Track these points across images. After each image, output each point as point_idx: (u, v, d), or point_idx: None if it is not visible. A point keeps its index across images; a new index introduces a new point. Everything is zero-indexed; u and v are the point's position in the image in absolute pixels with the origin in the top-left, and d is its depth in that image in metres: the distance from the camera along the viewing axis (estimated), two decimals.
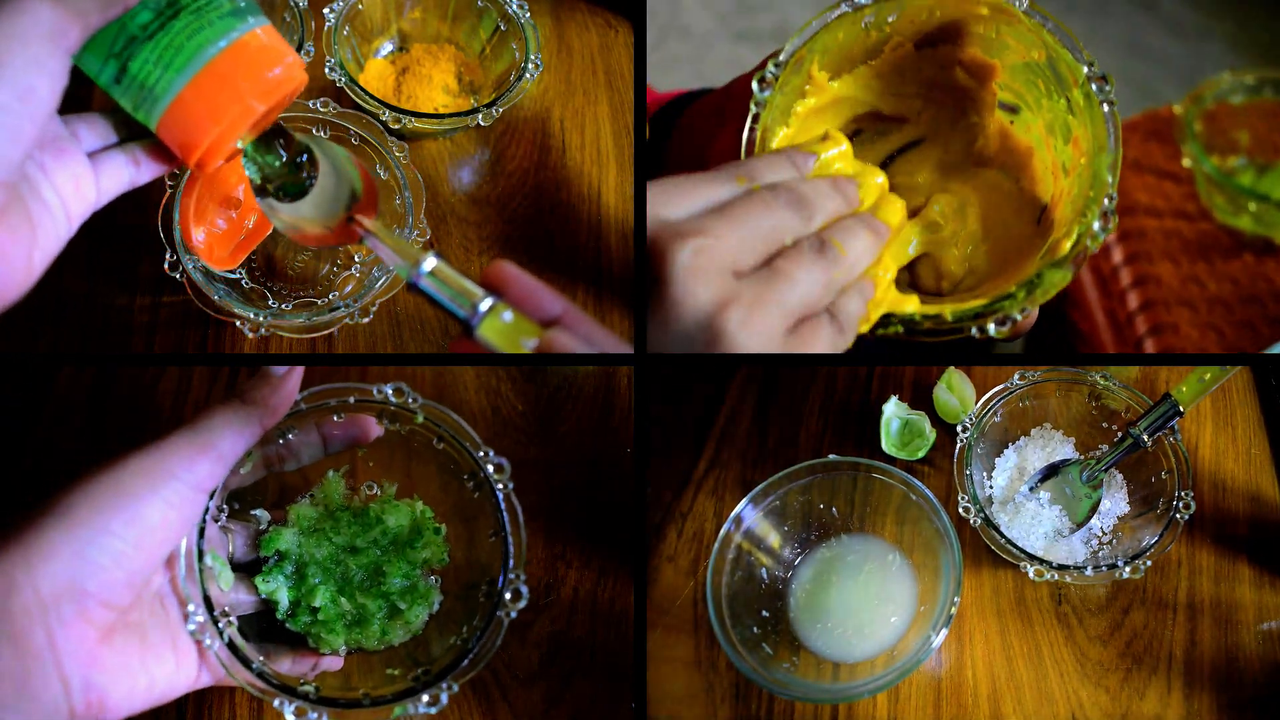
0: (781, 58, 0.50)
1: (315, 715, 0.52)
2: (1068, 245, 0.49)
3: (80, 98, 0.51)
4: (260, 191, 0.55)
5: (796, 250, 0.45)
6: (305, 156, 0.55)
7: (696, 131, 0.62)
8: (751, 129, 0.50)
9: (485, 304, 0.48)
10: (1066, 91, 0.52)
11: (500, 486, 0.58)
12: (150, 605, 0.50)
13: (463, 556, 0.61)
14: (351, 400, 0.59)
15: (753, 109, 0.50)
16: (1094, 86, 0.50)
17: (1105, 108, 0.50)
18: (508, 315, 0.48)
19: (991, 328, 0.48)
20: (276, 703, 0.52)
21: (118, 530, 0.46)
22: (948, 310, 0.49)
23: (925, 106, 0.57)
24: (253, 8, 0.51)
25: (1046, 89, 0.54)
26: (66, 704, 0.45)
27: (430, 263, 0.50)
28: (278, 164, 0.54)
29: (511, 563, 0.56)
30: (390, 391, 0.59)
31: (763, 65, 0.51)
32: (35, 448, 0.69)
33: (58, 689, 0.45)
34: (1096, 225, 0.48)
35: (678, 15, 1.89)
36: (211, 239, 0.63)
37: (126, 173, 0.53)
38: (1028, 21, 0.52)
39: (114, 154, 0.52)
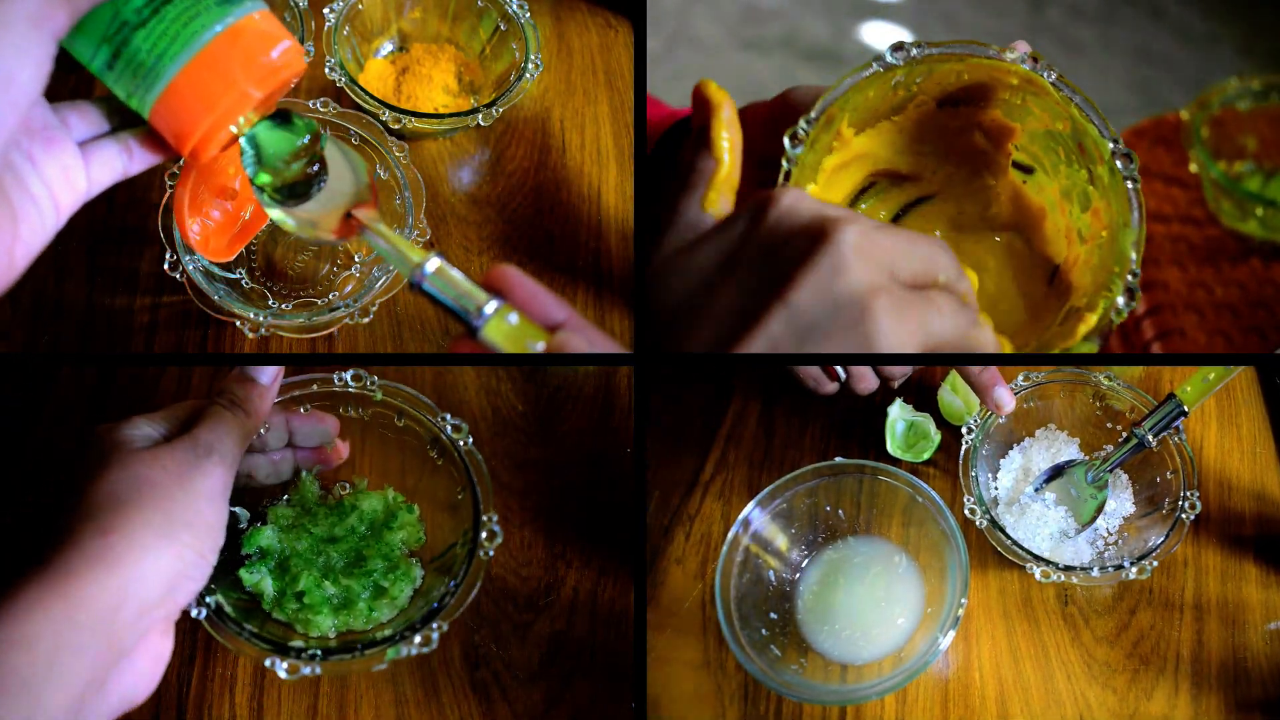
0: (813, 115, 0.51)
1: (309, 669, 0.54)
2: (1094, 319, 0.51)
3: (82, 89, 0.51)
4: (262, 190, 0.55)
5: (948, 292, 0.46)
6: (317, 166, 0.55)
7: None
8: (784, 185, 0.51)
9: (490, 306, 0.48)
10: (1089, 164, 0.53)
11: (460, 443, 0.62)
12: None
13: (437, 534, 0.65)
14: (315, 388, 0.62)
15: (784, 165, 0.51)
16: (1119, 163, 0.51)
17: (1129, 184, 0.51)
18: (513, 318, 0.48)
19: None
20: (269, 661, 0.53)
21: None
22: None
23: (940, 165, 0.58)
24: None
25: (1066, 157, 0.55)
26: None
27: (433, 263, 0.50)
28: (291, 168, 0.54)
29: (481, 507, 0.60)
30: (349, 376, 0.63)
31: (791, 118, 0.52)
32: (35, 448, 0.69)
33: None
34: (1121, 301, 0.50)
35: (686, 25, 1.90)
36: (207, 231, 0.63)
37: (119, 163, 0.52)
38: (1056, 95, 0.53)
39: (106, 143, 0.52)
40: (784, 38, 1.90)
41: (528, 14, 0.80)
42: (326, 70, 0.74)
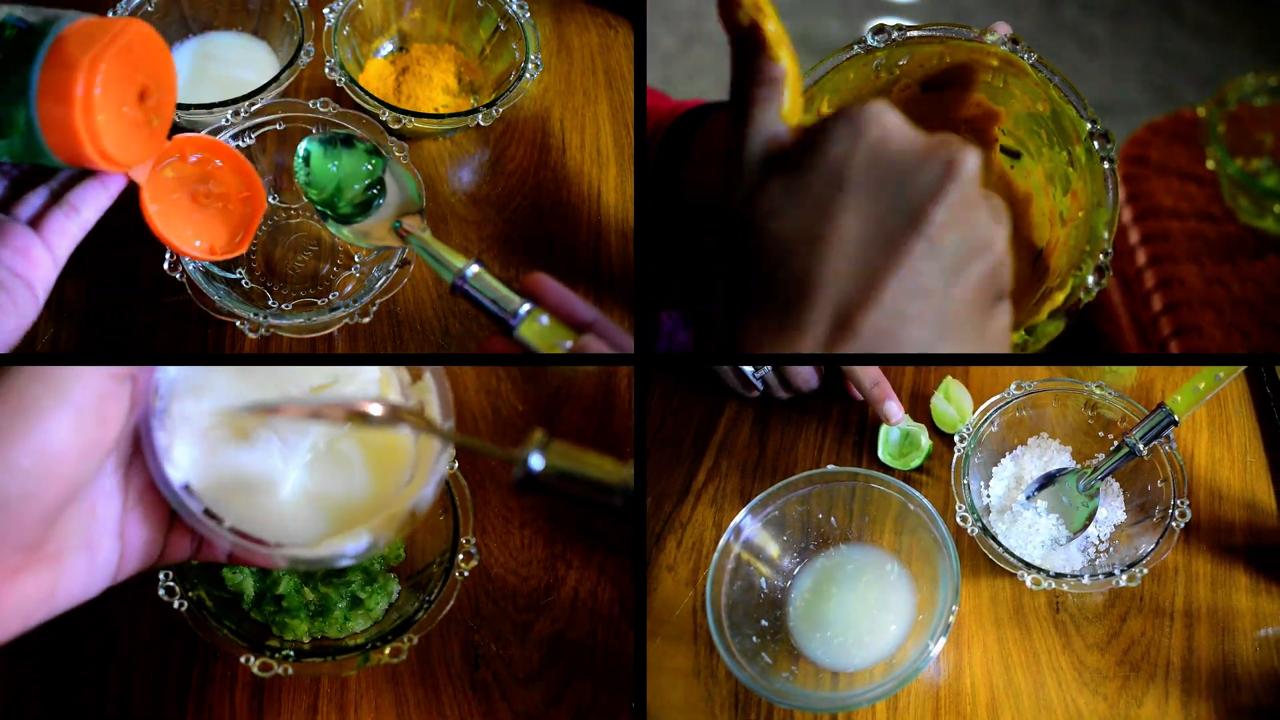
0: None
1: (281, 669, 0.59)
2: (1061, 298, 0.52)
3: None
4: (326, 213, 0.63)
5: None
6: (376, 189, 0.63)
7: (717, 149, 0.65)
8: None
9: (524, 308, 0.55)
10: (1068, 145, 0.55)
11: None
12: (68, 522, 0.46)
13: (417, 552, 0.69)
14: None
15: None
16: (1095, 143, 0.53)
17: (1105, 165, 0.53)
18: (544, 319, 0.55)
19: None
20: (244, 658, 0.57)
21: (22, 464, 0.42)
22: None
23: None
24: (46, 14, 0.56)
25: (1049, 139, 0.56)
26: None
27: (474, 269, 0.57)
28: (354, 190, 0.63)
29: (460, 529, 0.65)
30: None
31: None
32: None
33: None
34: (1091, 280, 0.51)
35: (701, 23, 1.94)
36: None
37: (68, 223, 0.58)
38: (1035, 75, 0.55)
39: (52, 212, 0.58)
40: (798, 35, 1.92)
41: (528, 14, 0.83)
42: (326, 70, 0.77)
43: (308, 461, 0.52)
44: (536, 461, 0.47)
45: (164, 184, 0.64)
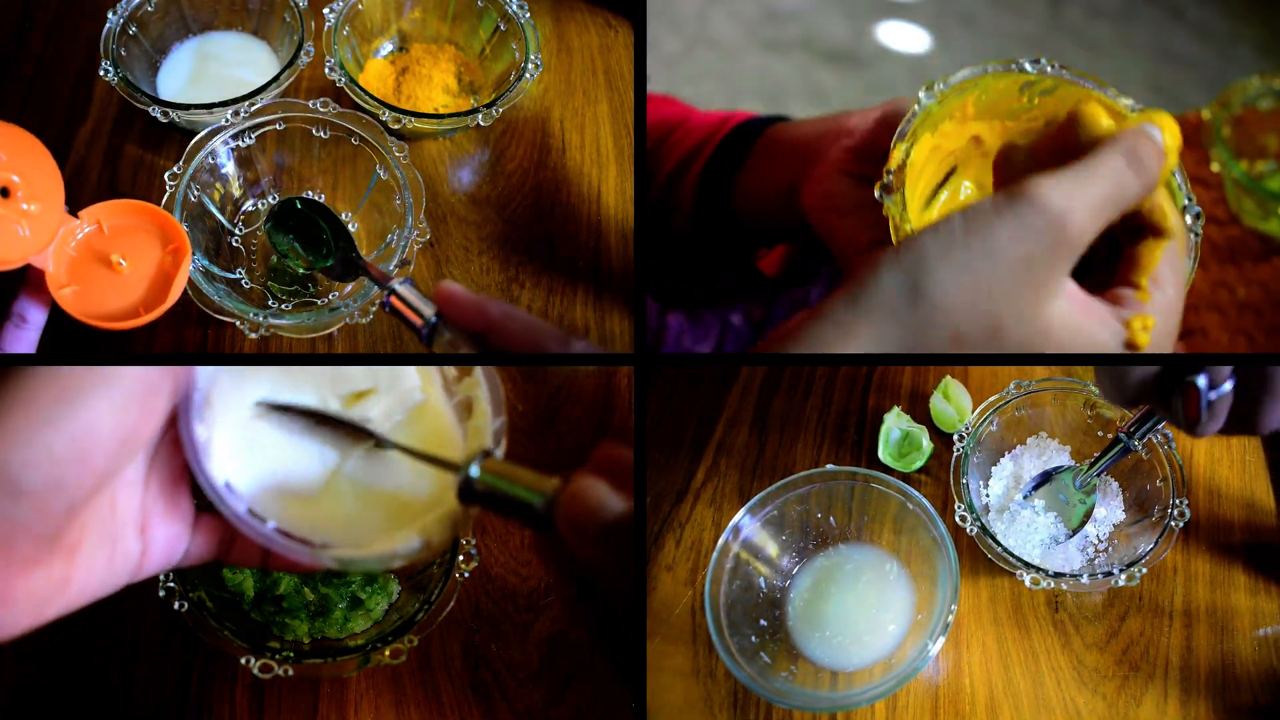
0: (952, 78, 0.57)
1: (281, 670, 0.59)
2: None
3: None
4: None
5: None
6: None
7: (786, 158, 0.67)
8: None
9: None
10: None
11: None
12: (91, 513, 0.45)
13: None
14: None
15: (914, 109, 0.56)
16: (1188, 218, 0.55)
17: (1192, 238, 0.54)
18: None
19: None
20: (244, 659, 0.58)
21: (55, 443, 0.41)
22: None
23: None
24: None
25: None
26: None
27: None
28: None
29: (460, 533, 0.64)
30: None
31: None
32: None
33: None
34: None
35: (705, 26, 1.95)
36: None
37: (25, 332, 0.63)
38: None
39: (5, 329, 0.62)
40: (803, 39, 1.94)
41: (528, 14, 0.83)
42: (326, 70, 0.78)
43: (356, 456, 0.50)
44: (474, 470, 0.46)
45: (75, 262, 0.65)
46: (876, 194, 0.54)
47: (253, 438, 0.49)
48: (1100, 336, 0.47)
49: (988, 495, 0.77)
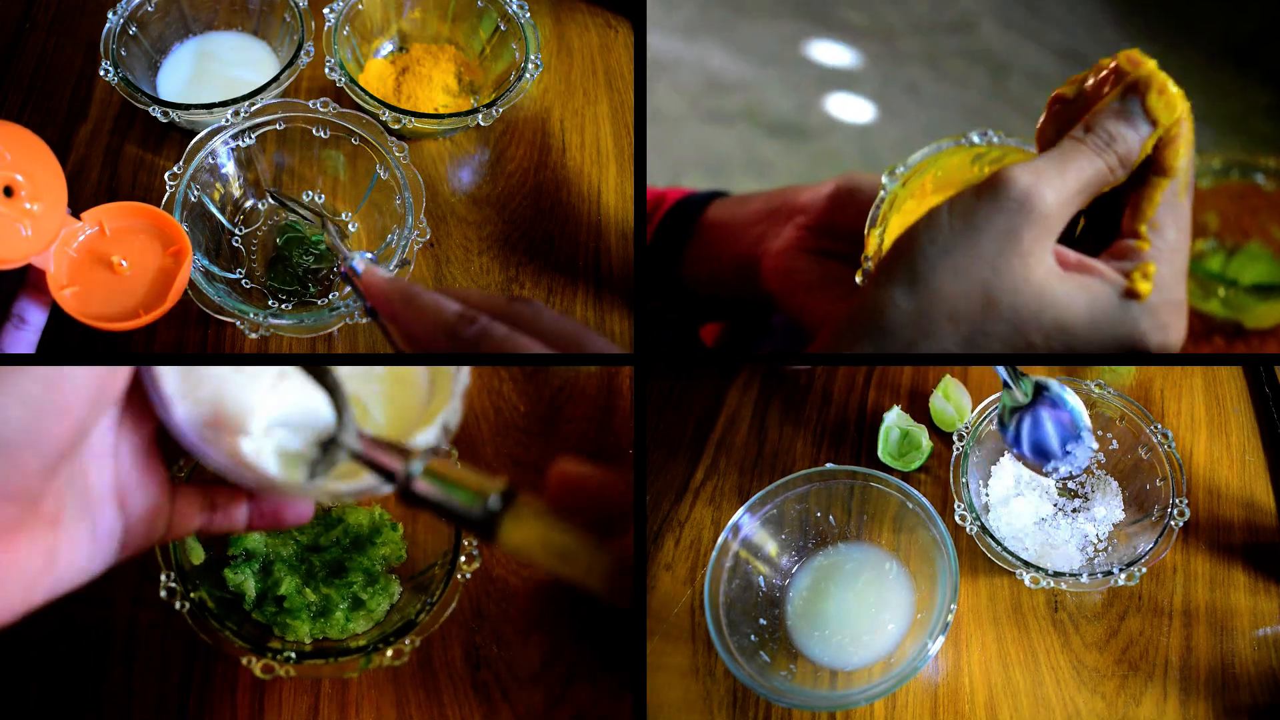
0: (911, 161, 0.59)
1: (283, 670, 0.60)
2: None
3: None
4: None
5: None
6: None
7: (736, 235, 0.69)
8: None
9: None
10: None
11: None
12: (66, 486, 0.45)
13: (418, 553, 0.70)
14: None
15: (881, 193, 0.58)
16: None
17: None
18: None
19: None
20: (245, 660, 0.58)
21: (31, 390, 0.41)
22: None
23: None
24: None
25: None
26: None
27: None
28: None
29: (462, 531, 0.65)
30: None
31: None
32: None
33: None
34: None
35: (648, 97, 1.97)
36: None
37: (24, 334, 0.63)
38: None
39: (5, 329, 0.63)
40: (746, 110, 1.93)
41: (528, 14, 0.83)
42: (326, 70, 0.78)
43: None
44: (417, 468, 0.45)
45: (76, 263, 0.65)
46: (858, 280, 0.55)
47: (224, 388, 0.51)
48: (1096, 289, 0.49)
49: (987, 494, 0.77)
